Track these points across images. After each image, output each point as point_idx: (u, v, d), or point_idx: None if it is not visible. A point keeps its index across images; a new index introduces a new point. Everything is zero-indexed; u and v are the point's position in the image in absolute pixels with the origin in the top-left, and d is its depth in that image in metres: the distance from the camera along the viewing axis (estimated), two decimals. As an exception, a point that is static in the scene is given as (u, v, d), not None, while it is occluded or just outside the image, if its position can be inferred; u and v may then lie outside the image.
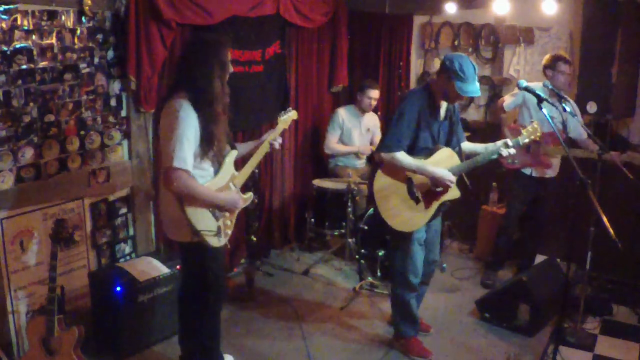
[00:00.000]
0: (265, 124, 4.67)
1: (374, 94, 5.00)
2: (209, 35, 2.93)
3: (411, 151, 3.20)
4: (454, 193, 3.30)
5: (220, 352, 3.20)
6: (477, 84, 3.08)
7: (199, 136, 2.70)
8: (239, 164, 3.03)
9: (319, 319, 4.00)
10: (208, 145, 2.74)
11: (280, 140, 3.13)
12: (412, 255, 3.35)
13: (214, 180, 2.85)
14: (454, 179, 3.19)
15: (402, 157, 3.15)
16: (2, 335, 3.23)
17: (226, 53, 2.77)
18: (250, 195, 3.04)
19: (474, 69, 3.05)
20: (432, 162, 3.20)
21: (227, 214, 2.90)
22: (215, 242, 2.84)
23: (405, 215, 3.26)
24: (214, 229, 2.82)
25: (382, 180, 3.29)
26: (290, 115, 3.21)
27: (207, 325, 3.07)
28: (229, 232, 2.94)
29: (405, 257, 3.37)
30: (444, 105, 3.26)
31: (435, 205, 3.27)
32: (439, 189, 3.22)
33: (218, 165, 2.88)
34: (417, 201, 3.25)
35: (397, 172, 3.23)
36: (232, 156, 2.96)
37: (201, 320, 3.06)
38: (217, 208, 2.83)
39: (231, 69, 2.82)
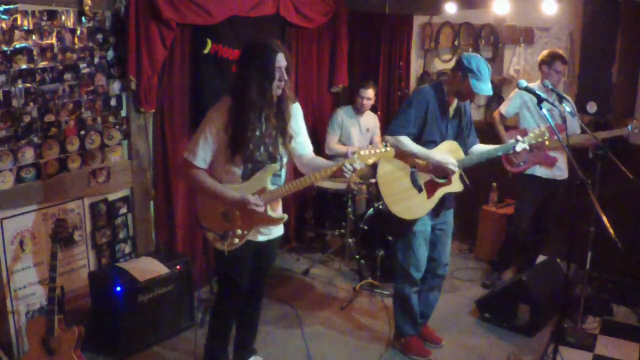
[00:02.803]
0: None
1: (367, 93, 4.98)
2: (261, 39, 2.79)
3: (417, 143, 3.23)
4: (456, 186, 3.32)
5: (227, 354, 3.20)
6: (490, 84, 3.16)
7: (223, 137, 2.68)
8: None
9: (319, 319, 4.00)
10: (234, 149, 2.69)
11: (355, 166, 2.69)
12: (414, 248, 3.35)
13: (236, 185, 2.76)
14: (456, 163, 3.18)
15: (406, 140, 3.18)
16: (2, 335, 3.23)
17: (272, 59, 2.64)
18: (284, 216, 2.85)
19: (489, 70, 3.15)
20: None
21: (239, 220, 2.78)
22: (218, 244, 2.82)
23: (407, 202, 3.28)
24: (219, 231, 2.80)
25: (386, 165, 3.29)
26: (375, 154, 2.71)
27: (216, 325, 3.10)
28: (237, 241, 2.81)
29: (407, 250, 3.37)
30: (454, 103, 3.29)
31: (437, 195, 3.28)
32: (440, 181, 3.23)
33: (250, 173, 2.78)
34: (419, 190, 3.27)
35: (402, 158, 3.24)
36: (270, 170, 2.79)
37: (214, 319, 3.11)
38: (224, 204, 2.75)
39: (285, 76, 2.70)
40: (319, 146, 5.28)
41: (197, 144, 2.72)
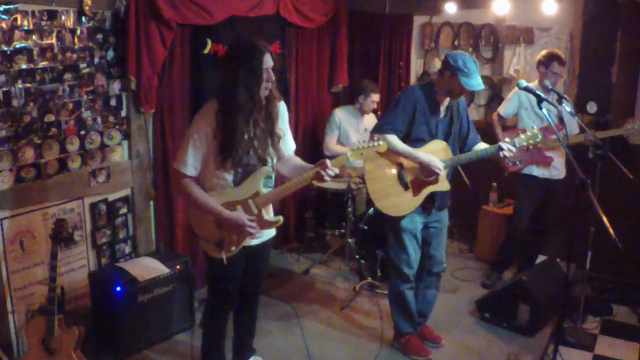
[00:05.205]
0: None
1: (377, 97, 4.99)
2: (246, 39, 2.71)
3: (406, 141, 3.25)
4: (443, 185, 3.33)
5: (223, 355, 3.19)
6: (480, 78, 3.16)
7: (212, 143, 2.63)
8: (279, 183, 2.84)
9: (319, 319, 4.00)
10: (224, 154, 2.63)
11: (334, 171, 2.66)
12: (403, 245, 3.38)
13: (229, 190, 2.72)
14: (441, 165, 3.19)
15: (392, 139, 3.20)
16: (2, 335, 3.23)
17: (260, 60, 2.58)
18: (279, 219, 2.81)
19: (476, 64, 3.15)
20: (424, 152, 3.24)
21: (234, 227, 2.72)
22: (214, 252, 2.77)
23: (392, 199, 3.30)
24: (214, 239, 2.75)
25: (374, 161, 3.32)
26: (368, 148, 2.67)
27: (209, 326, 3.09)
28: (234, 248, 2.76)
29: (397, 247, 3.41)
30: (445, 102, 3.30)
31: (423, 194, 3.29)
32: (428, 179, 3.25)
33: (241, 178, 2.73)
34: (405, 187, 3.29)
35: (390, 155, 3.26)
36: (262, 173, 2.73)
37: (207, 320, 3.10)
38: (216, 220, 2.71)
39: (272, 77, 2.64)
40: (319, 146, 5.29)
41: (185, 152, 2.65)
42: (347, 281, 4.59)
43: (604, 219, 2.55)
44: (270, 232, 2.96)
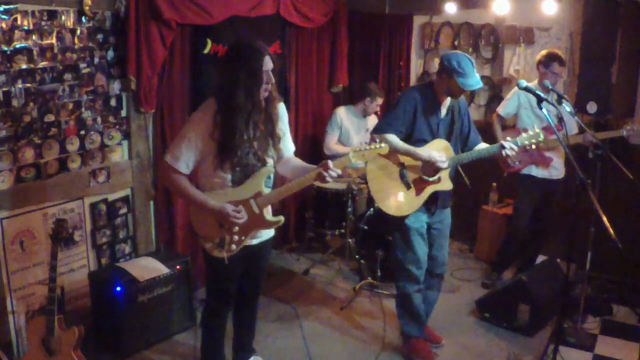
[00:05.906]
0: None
1: (382, 101, 5.01)
2: (246, 40, 2.69)
3: (408, 142, 3.25)
4: (445, 184, 3.33)
5: (223, 355, 3.19)
6: (477, 75, 3.16)
7: (210, 144, 2.62)
8: (278, 183, 2.83)
9: (319, 319, 4.00)
10: (223, 155, 2.63)
11: (336, 172, 2.70)
12: (411, 244, 3.36)
13: (230, 190, 2.71)
14: (442, 157, 3.19)
15: (392, 138, 3.20)
16: (2, 335, 3.23)
17: (260, 62, 2.57)
18: (280, 219, 2.80)
19: (472, 63, 3.15)
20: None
21: (235, 227, 2.72)
22: (215, 252, 2.77)
23: (395, 199, 3.30)
24: (215, 239, 2.75)
25: (376, 162, 3.32)
26: (370, 150, 2.70)
27: (209, 326, 3.09)
28: (234, 247, 2.75)
29: (405, 247, 3.38)
30: (446, 102, 3.30)
31: (426, 193, 3.29)
32: (431, 179, 3.25)
33: (240, 177, 2.72)
34: (407, 186, 3.29)
35: (392, 155, 3.26)
36: (263, 173, 2.74)
37: (206, 320, 3.09)
38: (209, 213, 2.70)
39: (272, 79, 2.64)
40: (319, 146, 5.29)
41: (179, 148, 2.64)
42: (347, 281, 4.59)
43: (604, 219, 2.54)
44: (270, 232, 2.96)
